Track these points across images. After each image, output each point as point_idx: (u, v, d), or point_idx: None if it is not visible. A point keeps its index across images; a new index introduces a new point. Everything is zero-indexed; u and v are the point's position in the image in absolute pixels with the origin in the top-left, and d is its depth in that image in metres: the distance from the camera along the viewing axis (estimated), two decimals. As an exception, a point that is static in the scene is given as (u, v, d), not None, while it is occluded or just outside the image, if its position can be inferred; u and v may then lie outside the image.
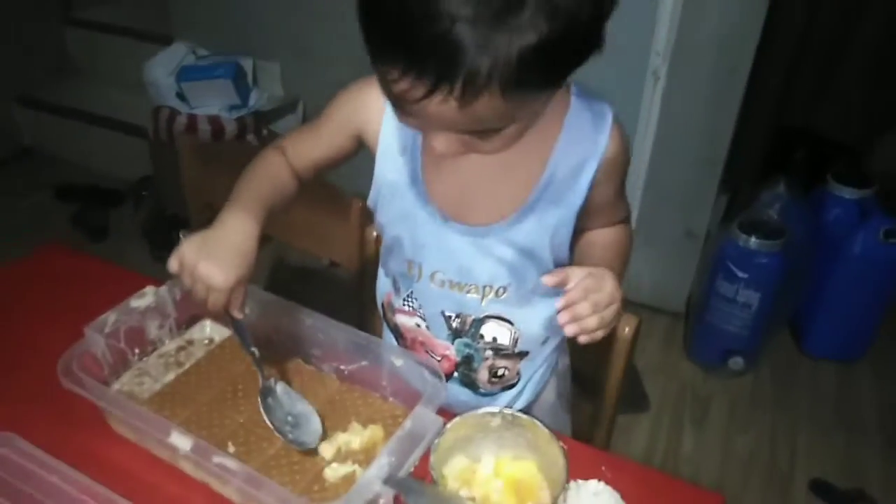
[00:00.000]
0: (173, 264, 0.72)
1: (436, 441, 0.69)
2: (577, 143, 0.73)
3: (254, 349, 0.79)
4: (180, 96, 2.25)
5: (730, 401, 1.88)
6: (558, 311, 0.68)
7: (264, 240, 0.76)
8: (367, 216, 1.13)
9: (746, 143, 2.02)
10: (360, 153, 0.84)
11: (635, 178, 1.94)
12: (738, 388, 1.91)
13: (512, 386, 0.90)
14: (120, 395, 0.81)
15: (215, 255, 0.70)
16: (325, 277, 2.07)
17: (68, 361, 0.76)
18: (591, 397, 1.12)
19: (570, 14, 0.50)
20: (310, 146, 0.83)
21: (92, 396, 0.74)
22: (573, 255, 0.83)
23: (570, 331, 0.67)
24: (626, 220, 0.87)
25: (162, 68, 2.27)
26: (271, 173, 0.81)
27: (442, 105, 0.52)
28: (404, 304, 0.86)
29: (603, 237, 0.84)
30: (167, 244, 2.27)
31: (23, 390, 0.85)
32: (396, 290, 0.86)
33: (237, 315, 0.74)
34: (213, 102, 2.23)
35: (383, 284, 0.90)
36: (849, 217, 1.83)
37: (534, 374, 0.91)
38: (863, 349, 1.95)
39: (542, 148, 0.73)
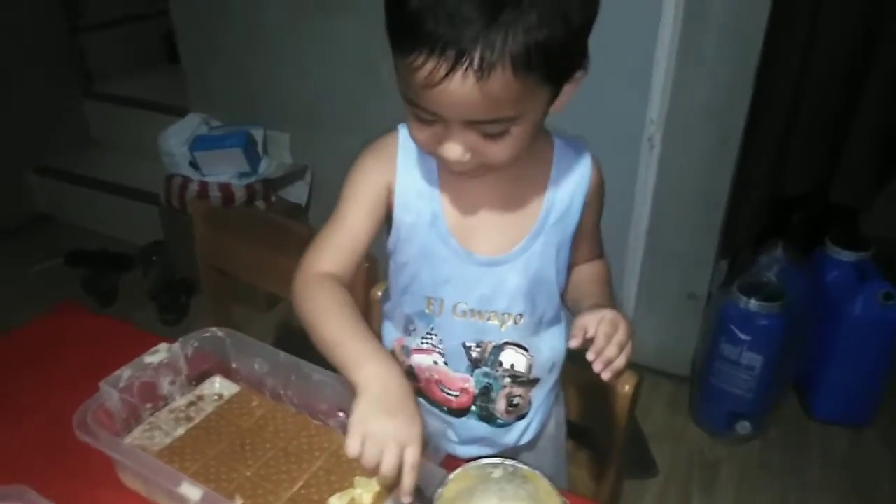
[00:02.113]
0: (354, 444, 0.65)
1: (439, 491, 0.70)
2: (567, 175, 0.84)
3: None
4: (193, 165, 2.33)
5: (738, 466, 1.86)
6: (591, 362, 0.74)
7: (273, 301, 0.78)
8: (373, 277, 1.17)
9: (744, 207, 2.07)
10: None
11: (636, 242, 1.98)
12: (747, 453, 1.89)
13: (524, 416, 0.93)
14: (133, 447, 0.82)
15: (395, 412, 0.67)
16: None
17: (83, 414, 0.79)
18: (595, 455, 1.12)
19: (564, 13, 0.61)
20: (349, 243, 0.82)
21: (105, 448, 0.76)
22: (567, 288, 0.91)
23: (606, 376, 0.74)
24: (602, 255, 0.96)
25: (176, 138, 2.36)
26: (343, 301, 0.76)
27: (462, 84, 0.61)
28: (422, 343, 0.88)
29: (590, 274, 0.93)
30: (174, 307, 2.35)
31: (37, 443, 0.87)
32: (410, 332, 0.89)
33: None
34: (224, 170, 2.31)
35: (391, 333, 0.93)
36: (847, 279, 1.85)
37: (542, 403, 0.94)
38: (871, 413, 1.94)
39: (539, 183, 0.83)
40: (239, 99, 2.50)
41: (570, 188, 0.83)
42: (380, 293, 1.14)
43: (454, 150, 0.69)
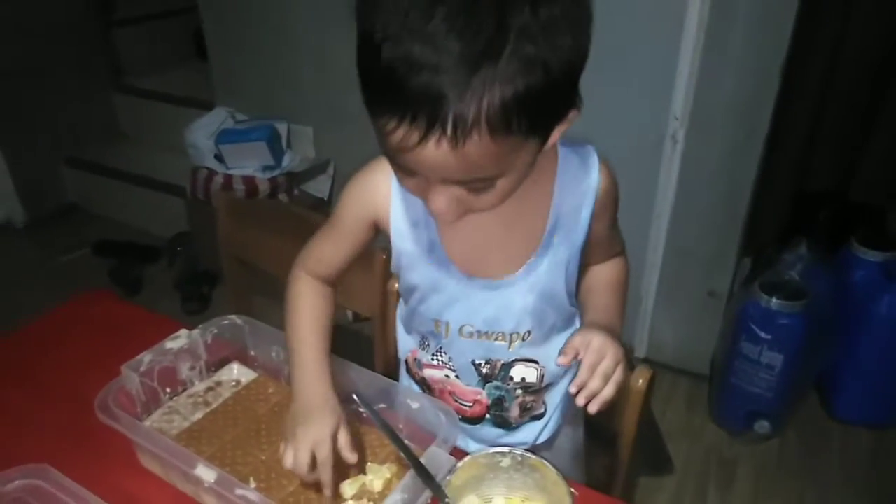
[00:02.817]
0: (282, 453, 0.77)
1: (447, 479, 0.71)
2: (572, 187, 0.79)
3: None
4: (218, 158, 2.37)
5: (756, 466, 1.84)
6: (573, 394, 0.73)
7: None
8: (390, 269, 1.18)
9: (768, 204, 2.05)
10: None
11: (657, 239, 1.97)
12: (765, 453, 1.87)
13: (540, 416, 0.94)
14: (151, 429, 0.85)
15: (308, 420, 0.77)
16: (349, 332, 2.11)
17: (105, 397, 0.81)
18: (609, 451, 1.13)
19: (544, 67, 0.54)
20: (333, 254, 0.87)
21: (125, 430, 0.79)
22: (578, 292, 0.89)
23: (592, 409, 0.72)
24: (621, 251, 0.92)
25: (202, 132, 2.40)
26: (315, 314, 0.87)
27: (437, 151, 0.56)
28: (433, 359, 0.89)
29: (603, 277, 0.91)
30: (198, 298, 2.39)
31: (60, 425, 0.90)
32: (424, 346, 0.90)
33: (351, 458, 0.78)
34: (248, 163, 2.34)
35: (406, 342, 0.94)
36: (873, 279, 1.82)
37: (559, 403, 0.94)
38: (893, 415, 1.91)
39: (542, 197, 0.79)
40: (264, 93, 2.53)
41: (575, 201, 0.79)
42: (396, 285, 1.15)
43: (438, 203, 0.65)
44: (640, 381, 0.98)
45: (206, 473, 0.72)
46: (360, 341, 1.86)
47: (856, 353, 1.86)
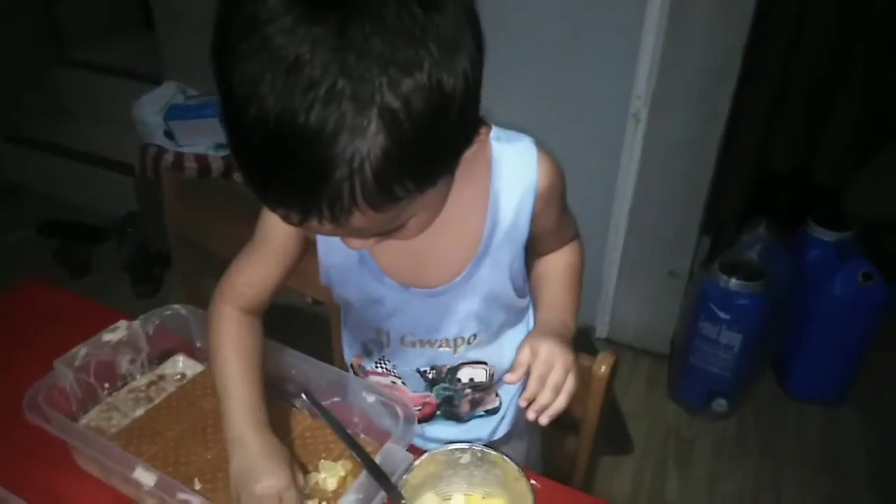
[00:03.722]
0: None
1: (404, 478, 0.68)
2: (510, 185, 0.74)
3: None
4: (168, 135, 2.27)
5: (714, 443, 1.87)
6: (523, 407, 0.71)
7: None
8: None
9: (728, 185, 2.05)
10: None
11: (618, 219, 1.96)
12: (723, 431, 1.90)
13: (495, 411, 0.91)
14: (86, 430, 0.79)
15: (254, 479, 0.71)
16: (307, 315, 2.06)
17: (35, 395, 0.76)
18: (571, 437, 1.11)
19: (413, 119, 0.48)
20: (264, 276, 0.81)
21: (57, 431, 0.73)
22: (530, 282, 0.86)
23: (543, 421, 0.70)
24: (574, 236, 0.88)
25: (150, 107, 2.29)
26: (243, 354, 0.80)
27: (320, 227, 0.53)
28: (377, 367, 0.87)
29: (555, 265, 0.87)
30: (148, 280, 2.30)
31: (-11, 425, 0.84)
32: (367, 353, 0.87)
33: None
34: (200, 141, 2.24)
35: (350, 347, 0.91)
36: (828, 259, 1.85)
37: (514, 396, 0.91)
38: (846, 392, 1.95)
39: (478, 199, 0.74)
40: (216, 67, 2.43)
41: (513, 201, 0.74)
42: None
43: (353, 244, 0.61)
44: (603, 367, 0.96)
45: (146, 476, 0.68)
46: (318, 324, 1.81)
47: (810, 332, 1.89)
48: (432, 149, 0.52)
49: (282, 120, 0.47)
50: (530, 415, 0.70)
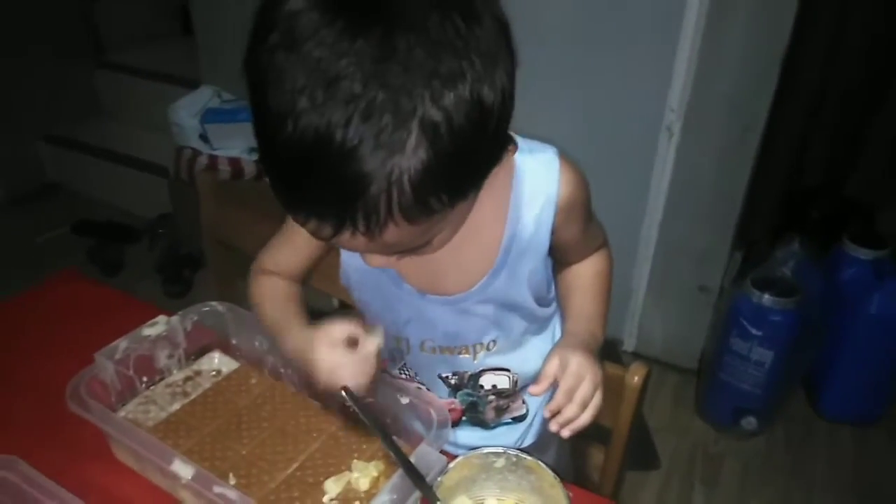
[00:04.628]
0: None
1: (438, 479, 0.68)
2: (530, 197, 0.73)
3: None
4: (203, 138, 2.31)
5: (742, 462, 1.83)
6: (547, 418, 0.70)
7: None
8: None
9: (762, 200, 2.03)
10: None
11: (649, 232, 1.95)
12: (751, 449, 1.87)
13: (522, 418, 0.90)
14: (125, 421, 0.81)
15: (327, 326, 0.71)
16: (336, 318, 2.07)
17: (77, 385, 0.77)
18: (601, 447, 1.10)
19: (454, 133, 0.48)
20: (291, 260, 0.84)
21: (97, 421, 0.74)
22: (558, 291, 0.86)
23: (564, 434, 0.70)
24: (603, 244, 0.87)
25: (187, 110, 2.34)
26: (280, 291, 0.84)
27: (352, 240, 0.52)
28: (401, 373, 0.87)
29: (583, 274, 0.86)
30: (179, 281, 2.33)
31: (30, 415, 0.86)
32: (392, 359, 0.88)
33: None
34: (234, 144, 2.28)
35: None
36: (864, 278, 1.81)
37: (542, 404, 0.90)
38: (879, 413, 1.91)
39: (498, 210, 0.73)
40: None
41: (534, 212, 0.73)
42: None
43: (374, 261, 0.62)
44: (636, 378, 0.95)
45: (183, 469, 0.69)
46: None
47: (843, 352, 1.85)
48: (469, 163, 0.52)
49: (320, 134, 0.46)
50: (553, 426, 0.69)
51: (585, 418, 0.70)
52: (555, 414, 0.69)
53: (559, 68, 1.80)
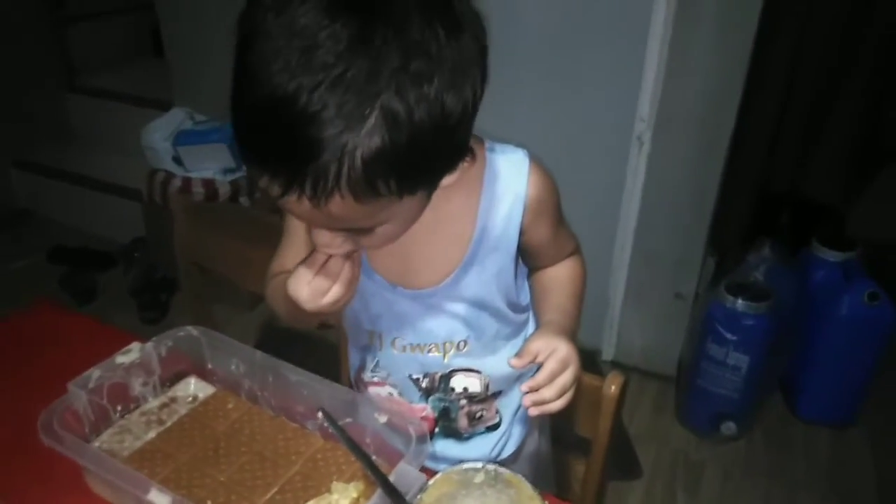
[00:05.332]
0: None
1: (418, 497, 0.68)
2: (500, 194, 0.76)
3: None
4: (176, 160, 2.30)
5: (723, 467, 1.85)
6: (523, 392, 0.71)
7: (256, 299, 0.77)
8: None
9: (733, 206, 2.06)
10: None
11: (623, 241, 1.97)
12: (732, 454, 1.89)
13: (496, 427, 0.90)
14: (101, 452, 0.79)
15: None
16: (314, 339, 2.06)
17: (49, 417, 0.76)
18: (581, 458, 1.11)
19: (413, 125, 0.52)
20: (294, 259, 0.82)
21: (71, 453, 0.73)
22: (532, 297, 0.87)
23: (533, 412, 0.71)
24: (575, 251, 0.89)
25: (159, 133, 2.32)
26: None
27: (298, 204, 0.55)
28: (373, 376, 0.88)
29: (557, 277, 0.87)
30: (155, 306, 2.30)
31: (2, 447, 0.84)
32: (363, 365, 0.88)
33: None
34: (208, 166, 2.27)
35: (354, 361, 0.93)
36: (834, 280, 1.85)
37: (518, 414, 0.91)
38: (855, 413, 1.94)
39: (469, 206, 0.76)
40: (224, 93, 2.44)
41: (504, 210, 0.76)
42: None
43: (319, 238, 0.63)
44: (613, 388, 0.95)
45: (160, 498, 0.68)
46: (323, 348, 1.81)
47: (817, 353, 1.88)
48: (423, 158, 0.55)
49: (287, 94, 0.50)
50: (526, 401, 0.71)
51: (558, 405, 0.72)
52: (532, 391, 0.71)
53: (529, 82, 1.83)
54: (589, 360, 2.08)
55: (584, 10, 1.74)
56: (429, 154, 0.55)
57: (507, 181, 0.76)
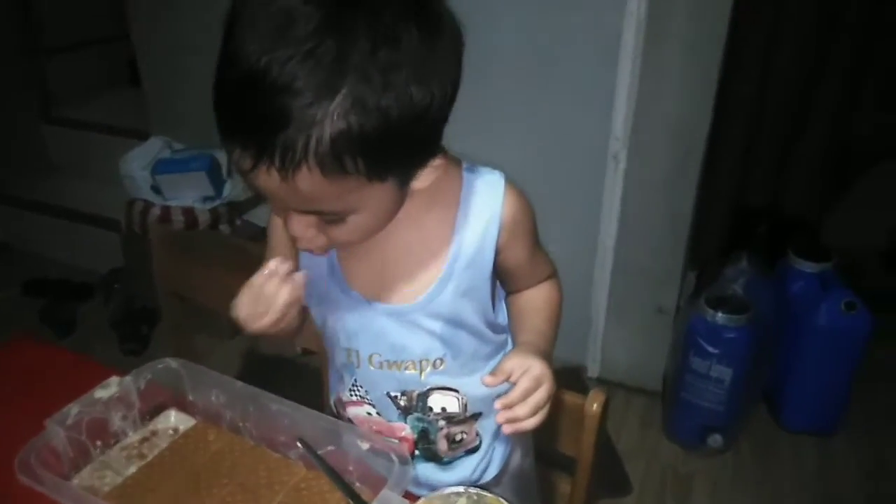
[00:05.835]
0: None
1: (402, 525, 0.68)
2: (476, 214, 0.77)
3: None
4: (155, 189, 2.29)
5: (711, 480, 1.85)
6: (497, 409, 0.72)
7: (237, 328, 0.76)
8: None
9: (711, 219, 2.09)
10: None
11: (603, 258, 1.99)
12: (720, 467, 1.89)
13: (475, 449, 0.90)
14: (81, 490, 0.78)
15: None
16: (296, 366, 2.05)
17: (27, 455, 0.75)
18: (566, 477, 1.11)
19: (379, 109, 0.55)
20: None
21: (49, 491, 0.72)
22: (509, 314, 0.88)
23: (507, 430, 0.72)
24: (551, 275, 0.90)
25: (137, 162, 2.32)
26: None
27: (268, 178, 0.57)
28: (351, 395, 0.87)
29: (532, 299, 0.88)
30: (136, 337, 2.28)
31: (-23, 488, 0.82)
32: (343, 384, 0.88)
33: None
34: (187, 194, 2.26)
35: (333, 382, 0.92)
36: (811, 290, 1.88)
37: (498, 436, 0.91)
38: (838, 422, 1.96)
39: (445, 224, 0.77)
40: (201, 121, 2.42)
41: (479, 229, 0.77)
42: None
43: (292, 226, 0.65)
44: (595, 405, 0.96)
45: (141, 535, 0.67)
46: (306, 375, 1.80)
47: (797, 364, 1.90)
48: (388, 143, 0.57)
49: (261, 65, 0.53)
50: (499, 418, 0.72)
51: (532, 423, 0.72)
52: (505, 408, 0.72)
53: (503, 105, 1.85)
54: (574, 378, 2.10)
55: (557, 32, 1.77)
56: (395, 141, 0.57)
57: (484, 201, 0.77)
